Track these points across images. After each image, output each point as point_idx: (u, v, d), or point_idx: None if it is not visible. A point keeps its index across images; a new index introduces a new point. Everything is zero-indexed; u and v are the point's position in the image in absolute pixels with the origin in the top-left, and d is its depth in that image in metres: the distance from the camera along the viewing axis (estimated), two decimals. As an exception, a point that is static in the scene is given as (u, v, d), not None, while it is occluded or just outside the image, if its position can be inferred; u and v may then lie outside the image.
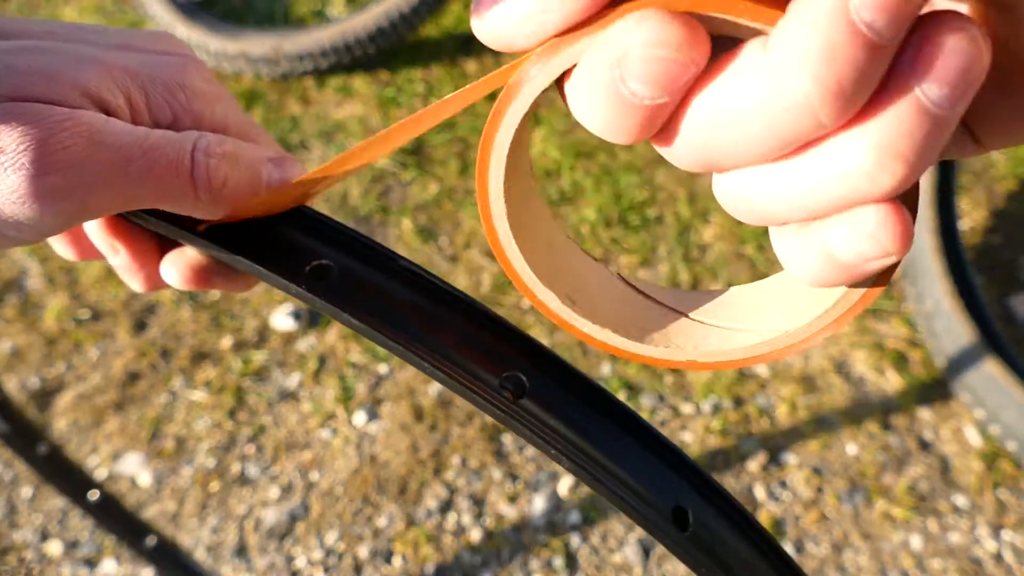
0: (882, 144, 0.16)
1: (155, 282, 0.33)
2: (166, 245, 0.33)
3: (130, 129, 0.26)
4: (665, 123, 0.18)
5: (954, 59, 0.15)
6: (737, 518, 0.27)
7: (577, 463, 0.26)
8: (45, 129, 0.24)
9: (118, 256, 0.32)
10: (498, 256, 0.22)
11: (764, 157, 0.17)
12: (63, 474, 0.95)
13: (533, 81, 0.19)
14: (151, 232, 0.32)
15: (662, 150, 0.19)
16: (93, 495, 0.97)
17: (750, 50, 0.16)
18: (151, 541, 1.04)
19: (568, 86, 0.18)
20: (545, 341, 1.37)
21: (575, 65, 0.18)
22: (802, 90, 0.15)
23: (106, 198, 0.26)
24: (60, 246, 0.34)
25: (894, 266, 0.19)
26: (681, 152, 0.18)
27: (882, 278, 0.20)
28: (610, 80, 0.17)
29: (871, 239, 0.17)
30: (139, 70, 0.28)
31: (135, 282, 0.33)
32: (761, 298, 0.24)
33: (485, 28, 0.19)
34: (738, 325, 0.23)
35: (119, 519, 1.01)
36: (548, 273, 0.23)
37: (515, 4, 0.18)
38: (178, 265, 0.32)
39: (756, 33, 0.17)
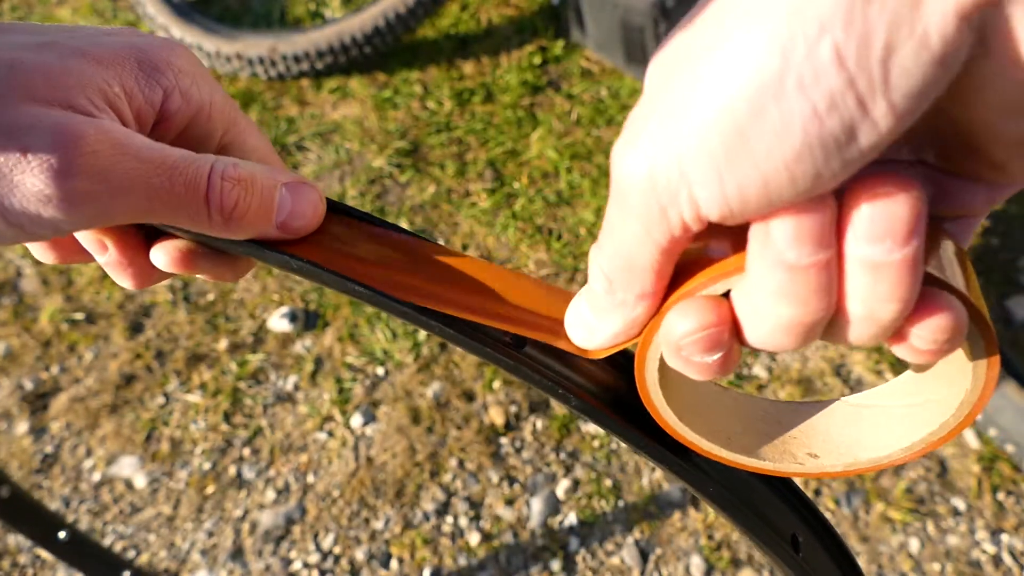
0: (865, 309, 0.21)
1: (145, 277, 0.33)
2: (152, 237, 0.33)
3: (151, 144, 0.27)
4: (730, 350, 0.24)
5: (882, 215, 0.19)
6: (834, 547, 0.33)
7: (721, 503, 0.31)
8: (71, 134, 0.25)
9: (106, 254, 0.32)
10: (669, 432, 0.28)
11: (806, 341, 0.22)
12: (27, 516, 0.92)
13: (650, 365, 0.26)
14: (136, 226, 0.32)
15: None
16: (62, 535, 0.95)
17: (737, 297, 0.22)
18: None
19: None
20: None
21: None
22: (785, 316, 0.21)
23: (126, 207, 0.26)
24: (39, 251, 0.33)
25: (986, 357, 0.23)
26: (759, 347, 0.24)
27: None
28: (681, 360, 0.24)
29: (926, 355, 0.22)
30: (128, 54, 0.29)
31: (125, 278, 0.33)
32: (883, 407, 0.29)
33: (582, 344, 0.27)
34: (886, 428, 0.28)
35: (91, 556, 0.99)
36: (706, 426, 0.28)
37: (605, 335, 0.26)
38: (167, 249, 0.32)
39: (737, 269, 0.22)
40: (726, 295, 0.23)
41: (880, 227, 0.19)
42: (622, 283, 0.24)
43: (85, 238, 0.32)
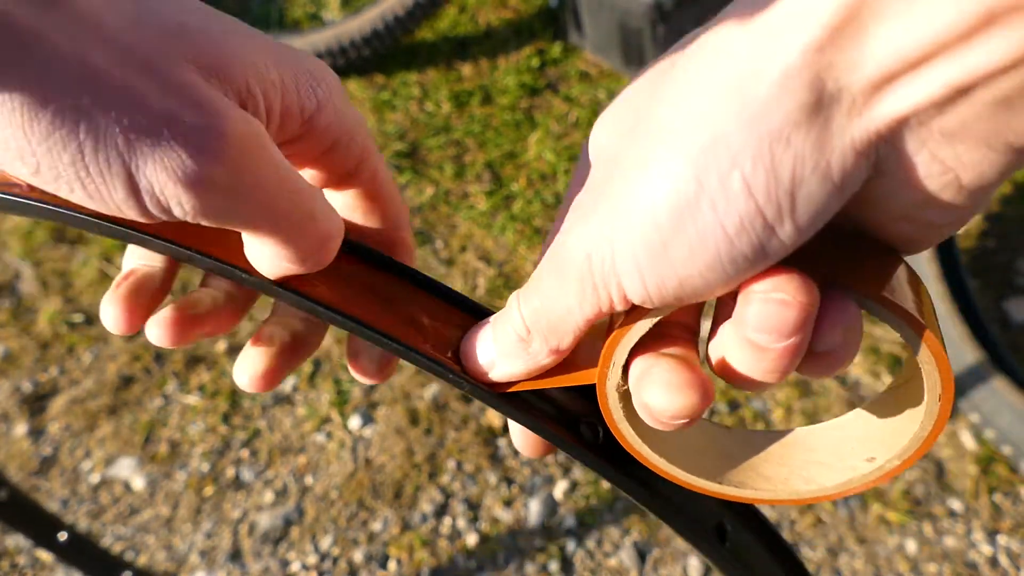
0: (748, 369, 0.24)
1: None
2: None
3: (285, 160, 0.25)
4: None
5: (770, 316, 0.22)
6: (767, 535, 0.33)
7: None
8: (225, 117, 0.23)
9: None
10: (656, 471, 0.29)
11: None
12: (26, 517, 0.92)
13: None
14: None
15: None
16: (62, 536, 0.94)
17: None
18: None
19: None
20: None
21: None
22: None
23: (247, 209, 0.24)
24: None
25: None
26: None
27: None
28: (653, 421, 0.25)
29: None
30: (290, 52, 0.27)
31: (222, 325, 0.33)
32: (836, 438, 0.30)
33: (475, 373, 0.29)
34: (833, 461, 0.29)
35: (92, 557, 0.98)
36: (671, 452, 0.29)
37: (504, 373, 0.28)
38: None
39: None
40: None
41: (767, 324, 0.22)
42: (540, 337, 0.26)
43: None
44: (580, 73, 1.86)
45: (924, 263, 1.32)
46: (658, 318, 0.24)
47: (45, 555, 1.24)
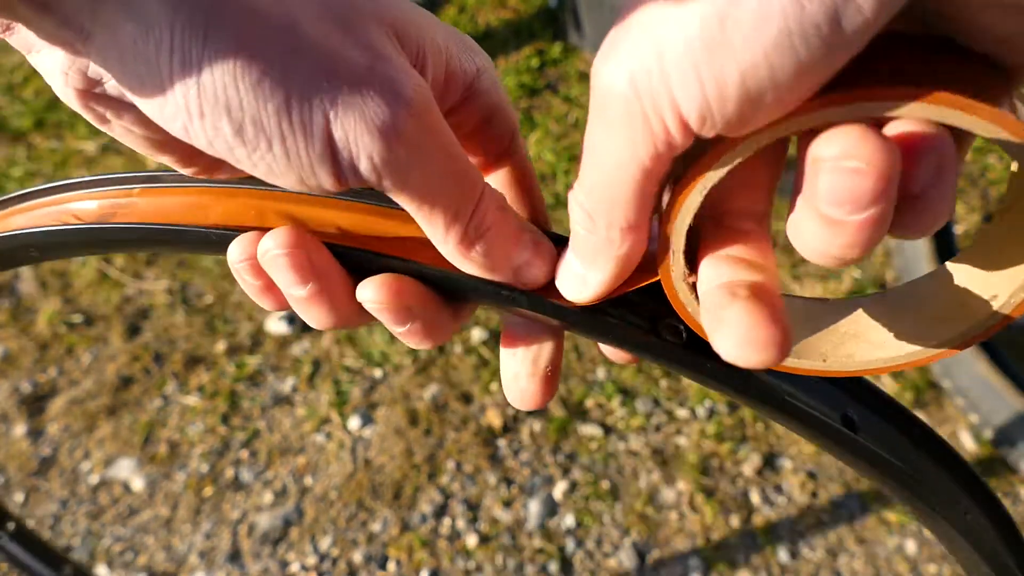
0: (823, 246, 0.21)
1: (342, 315, 0.29)
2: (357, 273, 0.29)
3: (453, 135, 0.25)
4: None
5: (844, 185, 0.19)
6: (898, 416, 0.30)
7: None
8: (411, 78, 0.23)
9: (307, 286, 0.28)
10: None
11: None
12: None
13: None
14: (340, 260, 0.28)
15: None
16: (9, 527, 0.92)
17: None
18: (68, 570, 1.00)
19: None
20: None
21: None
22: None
23: (424, 173, 0.24)
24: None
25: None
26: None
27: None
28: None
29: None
30: (445, 25, 0.27)
31: (320, 313, 0.28)
32: (946, 289, 0.26)
33: (577, 298, 0.27)
34: (952, 312, 0.26)
35: (36, 550, 0.96)
36: None
37: (597, 282, 0.25)
38: (377, 284, 0.28)
39: None
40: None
41: (840, 196, 0.18)
42: (605, 215, 0.23)
43: (291, 261, 0.27)
44: (580, 74, 1.86)
45: (924, 264, 1.32)
46: (722, 171, 0.21)
47: (44, 556, 1.24)
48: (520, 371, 0.31)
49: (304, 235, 0.26)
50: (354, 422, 1.35)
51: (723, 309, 0.22)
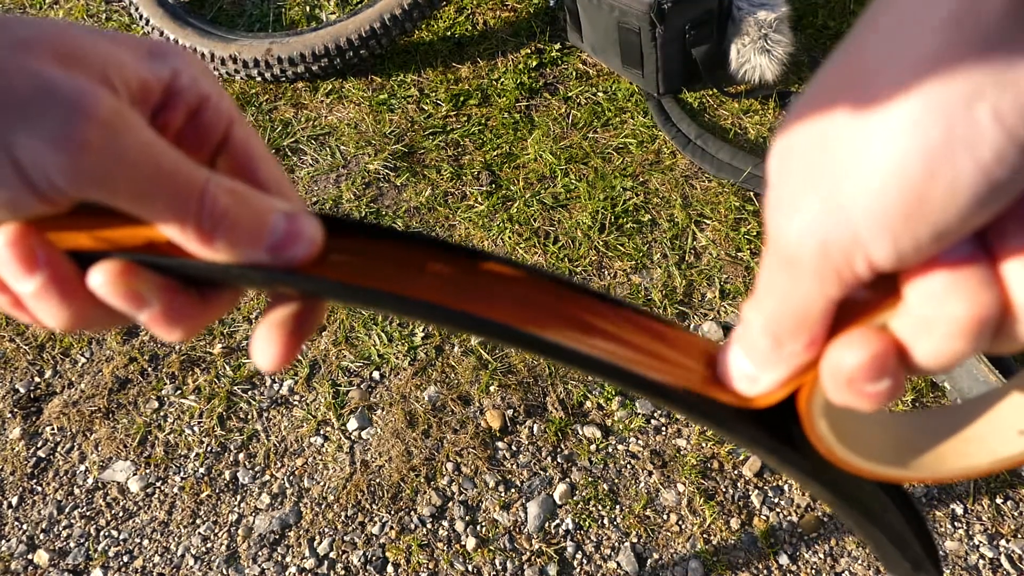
0: None
1: (76, 313, 0.28)
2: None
3: (155, 135, 0.26)
4: (898, 375, 0.24)
5: None
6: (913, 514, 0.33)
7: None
8: (89, 90, 0.24)
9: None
10: (835, 462, 0.29)
11: (978, 341, 0.23)
12: None
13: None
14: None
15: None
16: None
17: (902, 321, 0.23)
18: None
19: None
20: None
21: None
22: (957, 312, 0.22)
23: (128, 177, 0.25)
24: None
25: None
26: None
27: None
28: (853, 392, 0.24)
29: None
30: (137, 40, 0.28)
31: (51, 309, 0.28)
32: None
33: (747, 392, 0.28)
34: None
35: None
36: (871, 451, 0.29)
37: (769, 383, 0.27)
38: (108, 267, 0.28)
39: None
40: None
41: None
42: (791, 337, 0.25)
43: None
44: (578, 74, 1.86)
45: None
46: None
47: (39, 560, 1.23)
48: (275, 334, 0.32)
49: (28, 228, 0.26)
50: (352, 424, 1.34)
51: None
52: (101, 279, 0.27)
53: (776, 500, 1.23)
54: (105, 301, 0.27)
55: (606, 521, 1.22)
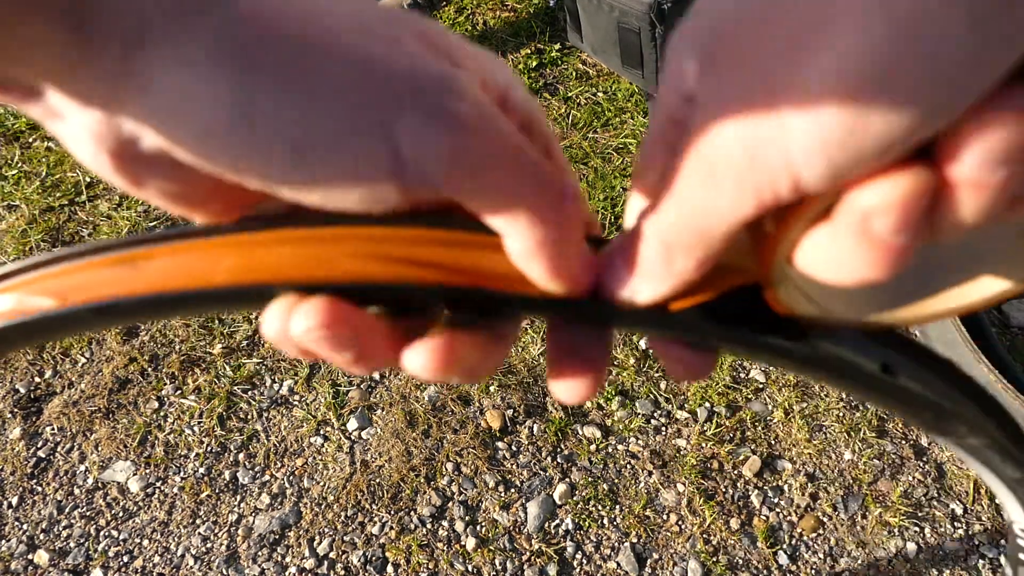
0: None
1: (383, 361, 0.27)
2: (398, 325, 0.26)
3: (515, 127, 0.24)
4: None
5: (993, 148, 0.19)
6: (932, 362, 0.31)
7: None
8: (460, 74, 0.22)
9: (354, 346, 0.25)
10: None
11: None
12: None
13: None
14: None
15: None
16: None
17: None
18: None
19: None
20: (539, 347, 1.35)
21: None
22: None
23: (502, 166, 0.23)
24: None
25: None
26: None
27: None
28: (869, 241, 0.21)
29: None
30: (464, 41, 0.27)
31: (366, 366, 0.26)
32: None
33: (625, 300, 0.25)
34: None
35: None
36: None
37: (649, 296, 0.25)
38: (427, 348, 0.25)
39: None
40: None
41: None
42: (685, 252, 0.23)
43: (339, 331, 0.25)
44: (578, 74, 1.86)
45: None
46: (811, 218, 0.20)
47: (39, 560, 1.23)
48: (576, 364, 0.29)
49: (338, 305, 0.24)
50: (352, 424, 1.34)
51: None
52: (420, 363, 0.25)
53: (776, 500, 1.23)
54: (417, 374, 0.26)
55: (606, 521, 1.22)
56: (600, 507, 1.23)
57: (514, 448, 1.30)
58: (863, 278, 0.21)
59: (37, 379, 1.44)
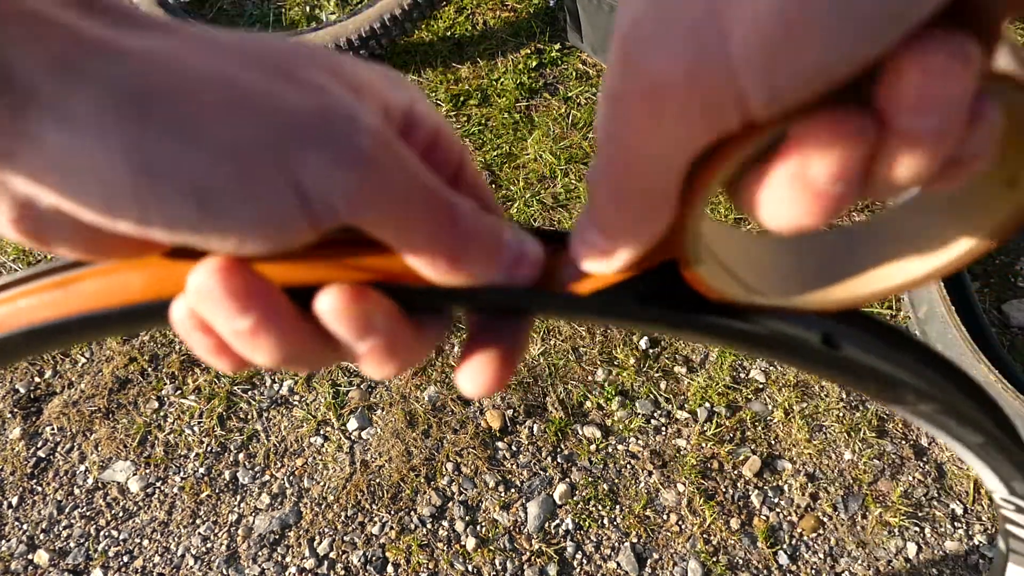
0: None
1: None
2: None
3: (415, 155, 0.25)
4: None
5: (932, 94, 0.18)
6: (877, 329, 0.31)
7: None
8: (363, 108, 0.22)
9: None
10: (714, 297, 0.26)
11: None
12: None
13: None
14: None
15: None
16: None
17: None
18: None
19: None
20: (539, 347, 1.35)
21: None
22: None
23: (404, 198, 0.23)
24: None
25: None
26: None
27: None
28: (809, 193, 0.20)
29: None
30: (363, 62, 0.27)
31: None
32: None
33: (602, 270, 0.25)
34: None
35: None
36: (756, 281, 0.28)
37: (623, 256, 0.24)
38: (335, 293, 0.26)
39: None
40: None
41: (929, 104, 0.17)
42: (644, 198, 0.22)
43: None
44: (578, 74, 1.86)
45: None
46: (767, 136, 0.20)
47: (39, 560, 1.23)
48: (485, 359, 0.30)
49: (237, 261, 0.24)
50: (352, 424, 1.34)
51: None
52: (331, 303, 0.25)
53: (776, 500, 1.23)
54: (329, 328, 0.25)
55: (606, 521, 1.22)
56: (600, 507, 1.23)
57: (514, 448, 1.30)
58: (796, 224, 0.20)
59: (37, 379, 1.44)
